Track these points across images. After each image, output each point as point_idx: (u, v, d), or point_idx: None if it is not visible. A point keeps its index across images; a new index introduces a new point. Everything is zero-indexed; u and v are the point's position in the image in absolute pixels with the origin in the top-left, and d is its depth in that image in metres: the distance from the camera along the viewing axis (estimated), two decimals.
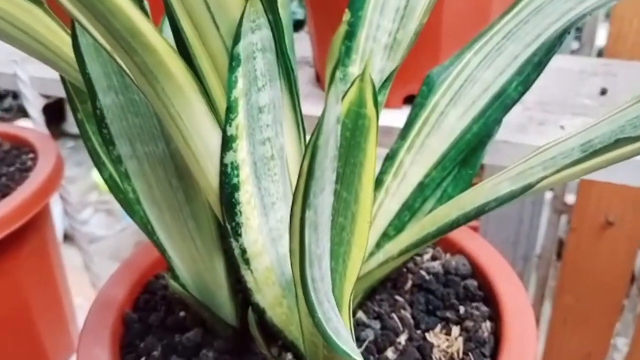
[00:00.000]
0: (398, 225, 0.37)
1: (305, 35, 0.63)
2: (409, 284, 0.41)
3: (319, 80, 0.60)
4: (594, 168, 0.23)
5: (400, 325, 0.38)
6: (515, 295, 0.38)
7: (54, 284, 0.61)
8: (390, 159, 0.38)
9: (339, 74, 0.35)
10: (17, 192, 0.53)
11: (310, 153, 0.16)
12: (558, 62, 0.61)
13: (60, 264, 0.64)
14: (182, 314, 0.39)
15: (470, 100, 0.36)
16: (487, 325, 0.38)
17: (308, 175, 0.17)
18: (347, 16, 0.34)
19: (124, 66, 0.20)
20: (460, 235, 0.43)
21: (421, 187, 0.36)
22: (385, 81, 0.33)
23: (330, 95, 0.15)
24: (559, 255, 1.12)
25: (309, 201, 0.17)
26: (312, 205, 0.18)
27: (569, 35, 0.34)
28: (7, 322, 0.55)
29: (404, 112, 0.51)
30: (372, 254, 0.37)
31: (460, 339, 0.37)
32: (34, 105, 0.64)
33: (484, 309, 0.39)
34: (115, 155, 0.27)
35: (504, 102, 0.35)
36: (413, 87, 0.52)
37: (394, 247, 0.32)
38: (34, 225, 0.55)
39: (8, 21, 0.23)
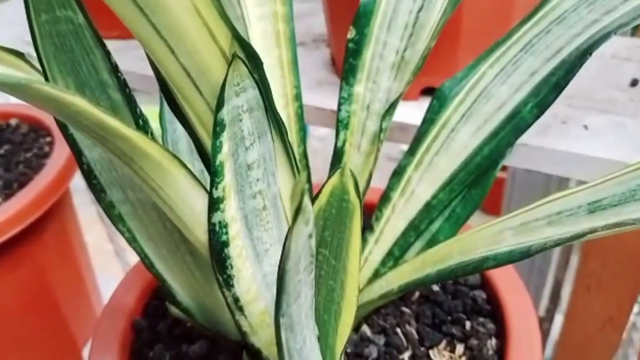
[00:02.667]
0: (403, 245, 0.36)
1: (320, 8, 0.59)
2: (416, 294, 0.41)
3: (334, 63, 0.58)
4: (597, 235, 0.22)
5: (404, 340, 0.38)
6: (522, 314, 0.37)
7: (76, 265, 0.62)
8: (397, 174, 0.36)
9: (343, 94, 0.34)
10: (35, 181, 0.54)
11: (279, 276, 0.16)
12: None
13: (82, 245, 0.66)
14: (189, 323, 0.39)
15: (482, 117, 0.35)
16: (492, 343, 0.37)
17: (279, 292, 0.16)
18: (351, 33, 0.32)
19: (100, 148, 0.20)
20: None
21: (428, 208, 0.35)
22: (390, 107, 0.31)
23: (298, 221, 0.14)
24: None
25: (281, 311, 0.17)
26: (286, 313, 0.17)
27: None
28: (31, 305, 0.57)
29: (421, 105, 0.49)
30: (376, 272, 0.36)
31: (464, 358, 0.37)
32: None
33: (490, 325, 0.38)
34: (107, 200, 0.27)
35: (517, 124, 0.33)
36: (431, 79, 0.50)
37: (395, 279, 0.32)
38: (54, 211, 0.56)
39: None
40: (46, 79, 0.21)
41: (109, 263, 0.96)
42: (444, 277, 0.28)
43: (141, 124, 0.22)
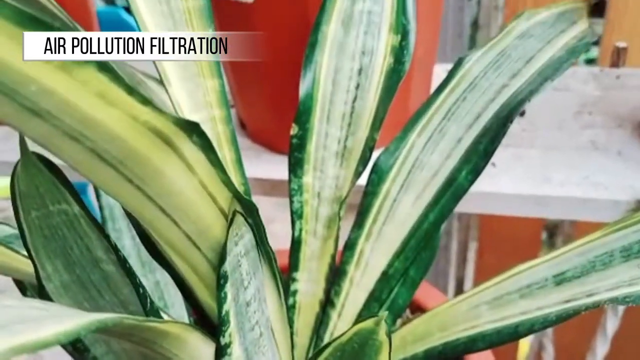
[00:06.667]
0: (367, 316, 0.37)
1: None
2: None
3: (243, 126, 0.58)
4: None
5: None
6: None
7: None
8: (349, 248, 0.38)
9: (293, 185, 0.34)
10: None
11: None
12: None
13: None
14: None
15: (420, 186, 0.37)
16: None
17: None
18: (294, 130, 0.33)
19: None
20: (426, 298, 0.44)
21: (386, 277, 0.37)
22: (346, 197, 0.33)
23: None
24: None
25: None
26: None
27: None
28: None
29: None
30: None
31: None
32: None
33: None
34: (91, 356, 0.25)
35: (456, 191, 0.35)
36: None
37: None
38: None
39: None
40: (34, 265, 0.20)
41: None
42: (432, 358, 0.29)
43: (141, 292, 0.21)
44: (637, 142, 0.50)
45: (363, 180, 0.37)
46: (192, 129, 0.17)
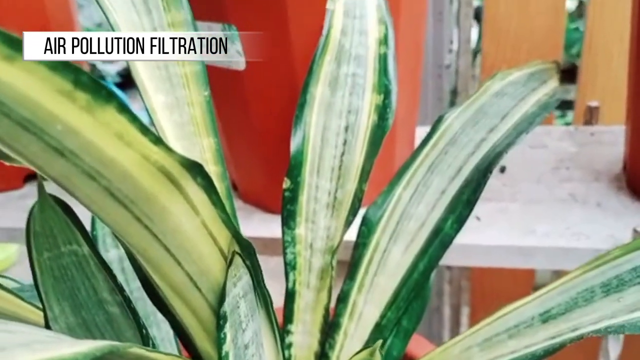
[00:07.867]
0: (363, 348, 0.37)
1: None
2: None
3: (234, 187, 0.59)
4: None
5: None
6: None
7: None
8: (342, 300, 0.38)
9: (286, 237, 0.36)
10: None
11: None
12: None
13: None
14: None
15: (408, 236, 0.38)
16: None
17: None
18: (286, 184, 0.35)
19: None
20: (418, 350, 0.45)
21: (379, 328, 0.37)
22: (337, 247, 0.34)
23: None
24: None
25: None
26: None
27: None
28: None
29: None
30: None
31: None
32: None
33: None
34: None
35: (442, 240, 0.37)
36: None
37: None
38: None
39: None
40: (43, 307, 0.21)
41: None
42: None
43: (144, 333, 0.22)
44: (614, 194, 0.52)
45: (353, 235, 0.38)
46: (196, 171, 0.19)
